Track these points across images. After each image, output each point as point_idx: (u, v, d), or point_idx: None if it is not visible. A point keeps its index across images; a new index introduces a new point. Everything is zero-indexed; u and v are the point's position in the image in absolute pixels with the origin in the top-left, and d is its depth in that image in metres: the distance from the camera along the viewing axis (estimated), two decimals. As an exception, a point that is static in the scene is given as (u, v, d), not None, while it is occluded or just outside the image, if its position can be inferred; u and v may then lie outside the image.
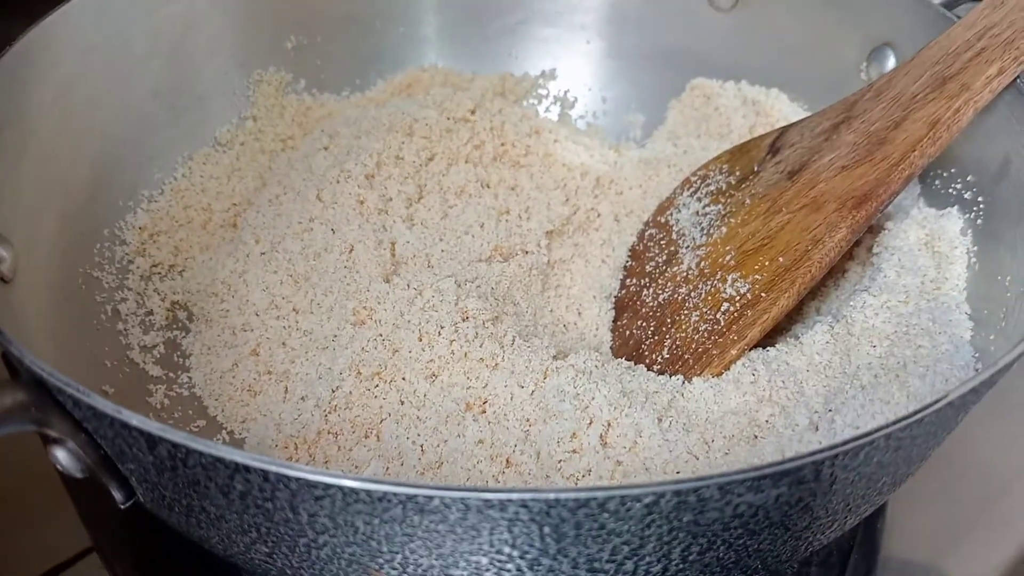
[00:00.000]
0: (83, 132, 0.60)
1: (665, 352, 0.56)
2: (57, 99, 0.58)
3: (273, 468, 0.32)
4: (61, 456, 0.37)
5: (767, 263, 0.54)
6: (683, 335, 0.55)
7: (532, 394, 0.51)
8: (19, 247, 0.51)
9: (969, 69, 0.53)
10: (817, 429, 0.46)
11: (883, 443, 0.34)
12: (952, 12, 0.61)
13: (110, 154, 0.62)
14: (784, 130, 0.62)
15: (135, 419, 0.33)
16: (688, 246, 0.60)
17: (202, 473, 0.33)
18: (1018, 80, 0.53)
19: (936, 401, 0.34)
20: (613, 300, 0.64)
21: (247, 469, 0.32)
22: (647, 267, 0.63)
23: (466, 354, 0.53)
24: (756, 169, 0.61)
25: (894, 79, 0.57)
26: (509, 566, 0.35)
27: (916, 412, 0.33)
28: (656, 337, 0.57)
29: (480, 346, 0.53)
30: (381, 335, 0.54)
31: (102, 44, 0.61)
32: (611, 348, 0.62)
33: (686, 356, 0.54)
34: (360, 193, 0.62)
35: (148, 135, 0.65)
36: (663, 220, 0.65)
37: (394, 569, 0.36)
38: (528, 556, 0.35)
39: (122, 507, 0.40)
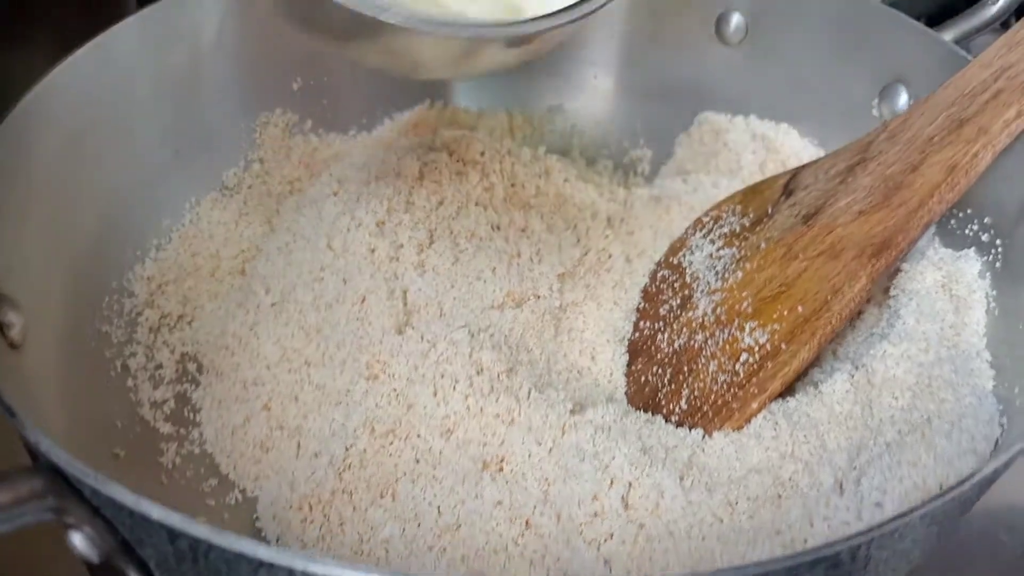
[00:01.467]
0: (89, 185, 0.59)
1: (683, 402, 0.55)
2: (62, 155, 0.57)
3: (299, 564, 0.31)
4: (78, 541, 0.37)
5: (786, 312, 0.53)
6: (701, 385, 0.55)
7: (550, 452, 0.50)
8: (28, 310, 0.50)
9: (986, 112, 0.52)
10: (843, 490, 0.45)
11: (918, 522, 0.33)
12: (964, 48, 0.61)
13: (117, 205, 0.62)
14: (797, 171, 0.61)
15: (155, 511, 0.33)
16: (703, 290, 0.60)
17: (224, 567, 0.33)
18: (1036, 122, 0.52)
19: (969, 477, 0.33)
20: (627, 344, 0.64)
21: (271, 565, 0.31)
22: (661, 310, 0.62)
23: (482, 409, 0.52)
24: (770, 211, 0.60)
25: (909, 120, 0.56)
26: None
27: (949, 489, 0.33)
28: (673, 385, 0.57)
29: (496, 400, 0.53)
30: (395, 390, 0.54)
31: (107, 95, 0.61)
32: (626, 394, 0.61)
33: (705, 408, 0.54)
34: (371, 241, 0.61)
35: (155, 183, 0.65)
36: (676, 262, 0.64)
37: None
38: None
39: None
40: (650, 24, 0.74)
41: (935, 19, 0.96)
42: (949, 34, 0.61)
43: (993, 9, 0.61)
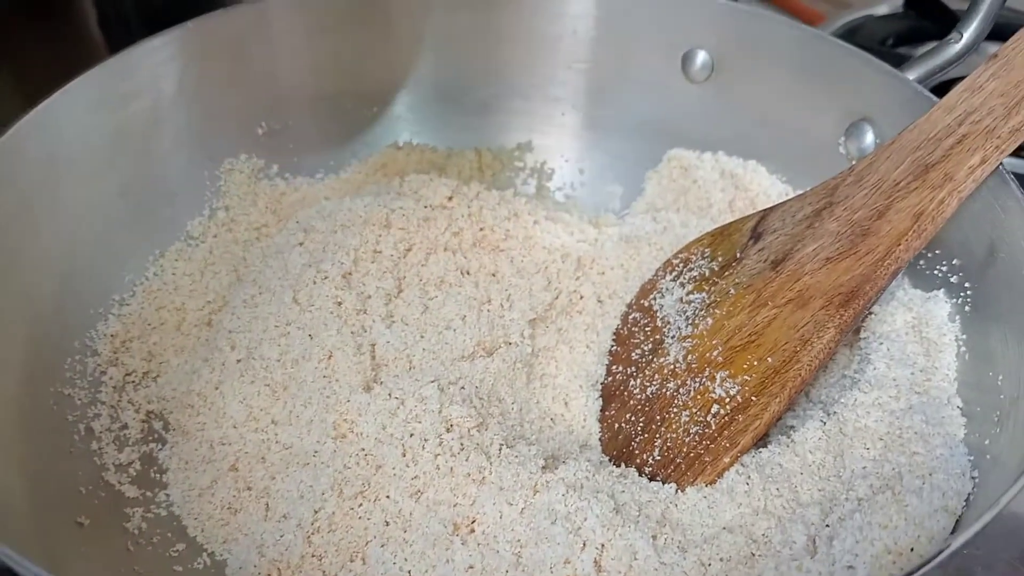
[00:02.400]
0: (49, 243, 0.58)
1: (656, 453, 0.55)
2: (20, 213, 0.56)
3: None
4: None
5: (756, 363, 0.53)
6: (674, 436, 0.54)
7: (522, 512, 0.49)
8: (-15, 383, 0.49)
9: (951, 157, 0.52)
10: (816, 550, 0.45)
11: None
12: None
13: (78, 261, 0.61)
14: (765, 214, 0.61)
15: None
16: (674, 336, 0.59)
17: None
18: (1001, 167, 0.52)
19: (937, 553, 0.33)
20: (600, 387, 0.63)
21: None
22: (633, 354, 0.62)
23: (452, 469, 0.52)
24: (739, 255, 0.60)
25: (875, 163, 0.56)
26: None
27: (919, 567, 0.32)
28: (646, 435, 0.56)
29: (466, 459, 0.52)
30: (363, 450, 0.53)
31: (66, 150, 0.60)
32: (600, 440, 0.60)
33: (678, 460, 0.53)
34: (338, 294, 0.61)
35: (117, 236, 0.64)
36: (647, 304, 0.64)
37: None
38: None
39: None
40: (617, 62, 0.74)
41: (899, 40, 0.98)
42: (913, 73, 0.61)
43: (956, 47, 0.61)
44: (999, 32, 0.64)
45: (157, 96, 0.65)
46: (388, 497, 0.51)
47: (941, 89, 0.59)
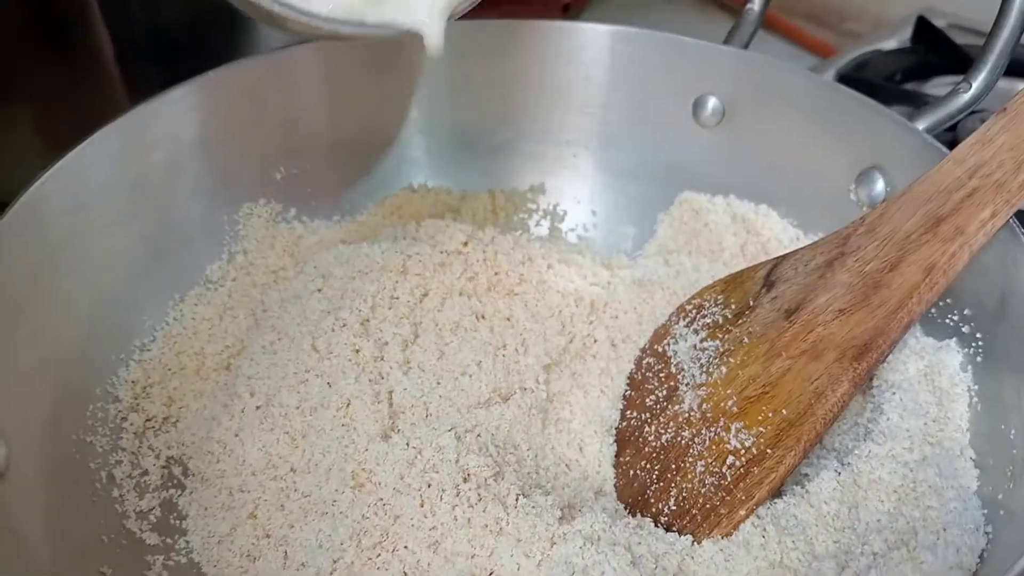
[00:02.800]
0: (72, 294, 0.59)
1: (672, 503, 0.55)
2: (45, 266, 0.57)
3: None
4: None
5: (770, 414, 0.53)
6: (689, 486, 0.55)
7: (539, 565, 0.50)
8: (11, 435, 0.50)
9: (962, 211, 0.53)
10: (832, 608, 0.45)
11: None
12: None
13: (100, 308, 0.62)
14: (777, 262, 0.61)
15: None
16: (688, 383, 0.60)
17: None
18: (1011, 220, 0.53)
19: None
20: (614, 432, 0.64)
21: None
22: (647, 400, 0.62)
23: (469, 520, 0.52)
24: (752, 303, 0.60)
25: (886, 214, 0.57)
26: None
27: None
28: (661, 484, 0.57)
29: (483, 510, 0.52)
30: (382, 499, 0.54)
31: (89, 201, 0.61)
32: (615, 486, 0.61)
33: (694, 511, 0.54)
34: (355, 342, 0.61)
35: (138, 282, 0.65)
36: (660, 350, 0.64)
37: None
38: None
39: None
40: (629, 106, 0.75)
41: (907, 76, 0.99)
42: (923, 123, 0.62)
43: (966, 97, 0.62)
44: (1017, 67, 0.65)
45: (178, 145, 0.66)
46: (406, 547, 0.52)
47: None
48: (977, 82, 0.62)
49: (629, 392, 0.65)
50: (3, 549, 0.42)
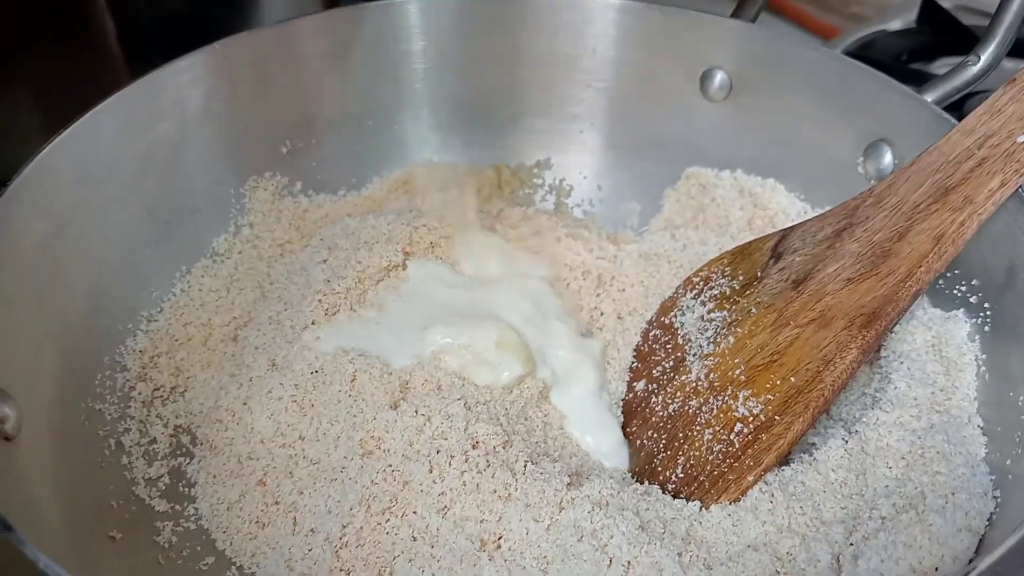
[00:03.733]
0: (79, 263, 0.59)
1: (679, 471, 0.55)
2: (52, 236, 0.57)
3: None
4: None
5: (778, 382, 0.54)
6: (697, 454, 0.55)
7: (548, 529, 0.50)
8: (21, 400, 0.50)
9: (971, 180, 0.53)
10: (840, 569, 0.45)
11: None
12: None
13: (107, 280, 0.62)
14: (785, 234, 0.61)
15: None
16: (695, 354, 0.60)
17: None
18: (1020, 190, 0.53)
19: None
20: (621, 404, 0.64)
21: None
22: (654, 372, 0.63)
23: (478, 485, 0.52)
24: (759, 275, 0.60)
25: (895, 185, 0.57)
26: None
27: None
28: (668, 452, 0.57)
29: (492, 476, 0.53)
30: (391, 466, 0.54)
31: (95, 172, 0.61)
32: (622, 456, 0.61)
33: (701, 478, 0.54)
34: (363, 312, 0.61)
35: (144, 254, 0.65)
36: (667, 322, 0.64)
37: None
38: None
39: None
40: (636, 81, 0.75)
41: (913, 56, 0.98)
42: (931, 95, 0.62)
43: (974, 69, 0.62)
44: (1020, 49, 0.65)
45: (184, 116, 0.66)
46: (415, 513, 0.52)
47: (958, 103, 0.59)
48: (985, 55, 0.62)
49: (636, 364, 0.65)
50: (16, 507, 0.42)
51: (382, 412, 0.56)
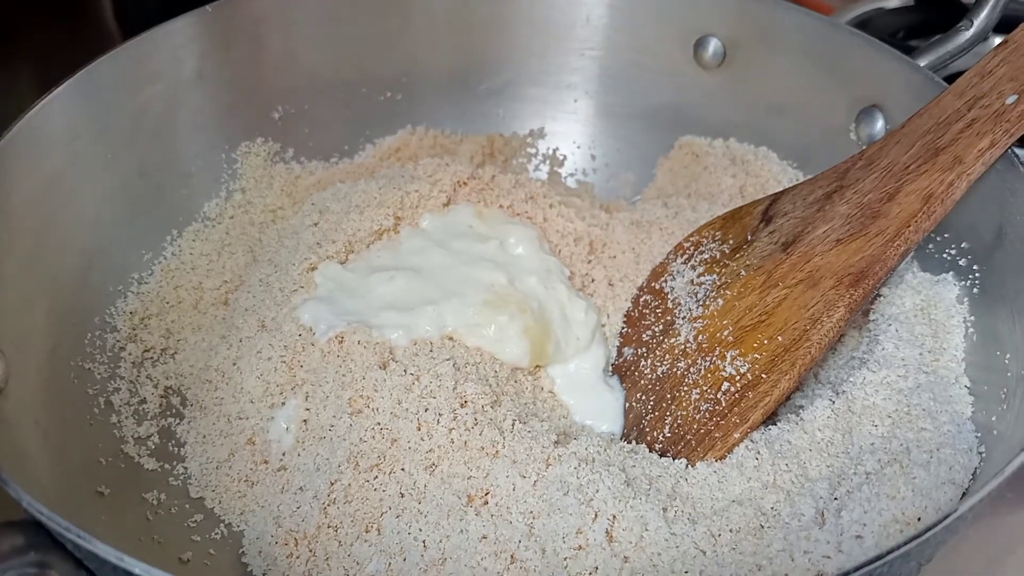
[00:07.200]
0: (70, 222, 0.59)
1: (667, 430, 0.55)
2: (44, 193, 0.57)
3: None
4: (61, 594, 0.37)
5: (766, 341, 0.54)
6: (684, 413, 0.55)
7: (535, 485, 0.50)
8: (10, 353, 0.50)
9: (961, 141, 0.53)
10: (824, 522, 0.45)
11: (897, 561, 0.34)
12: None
13: (98, 240, 0.62)
14: (776, 197, 0.61)
15: (138, 567, 0.33)
16: (684, 317, 0.60)
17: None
18: (1010, 150, 0.53)
19: (944, 517, 0.34)
20: (611, 368, 0.64)
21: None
22: (644, 336, 0.63)
23: (466, 443, 0.52)
24: (749, 238, 0.61)
25: (885, 147, 0.57)
26: None
27: (925, 531, 0.33)
28: (656, 413, 0.57)
29: (480, 433, 0.53)
30: (379, 424, 0.54)
31: (87, 130, 0.61)
32: (610, 420, 0.61)
33: (688, 437, 0.54)
34: (353, 274, 0.62)
35: (136, 216, 0.65)
36: (657, 287, 0.64)
37: None
38: None
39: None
40: (629, 49, 0.74)
41: (910, 33, 0.98)
42: (924, 60, 0.62)
43: (968, 34, 0.62)
44: (1006, 25, 0.65)
45: (176, 79, 0.66)
46: (403, 470, 0.52)
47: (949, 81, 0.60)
48: (979, 19, 0.62)
49: (626, 329, 0.65)
50: (5, 457, 0.42)
51: (371, 372, 0.56)
